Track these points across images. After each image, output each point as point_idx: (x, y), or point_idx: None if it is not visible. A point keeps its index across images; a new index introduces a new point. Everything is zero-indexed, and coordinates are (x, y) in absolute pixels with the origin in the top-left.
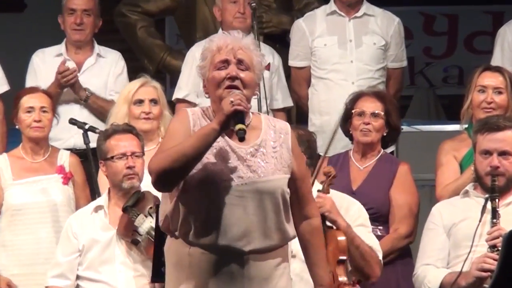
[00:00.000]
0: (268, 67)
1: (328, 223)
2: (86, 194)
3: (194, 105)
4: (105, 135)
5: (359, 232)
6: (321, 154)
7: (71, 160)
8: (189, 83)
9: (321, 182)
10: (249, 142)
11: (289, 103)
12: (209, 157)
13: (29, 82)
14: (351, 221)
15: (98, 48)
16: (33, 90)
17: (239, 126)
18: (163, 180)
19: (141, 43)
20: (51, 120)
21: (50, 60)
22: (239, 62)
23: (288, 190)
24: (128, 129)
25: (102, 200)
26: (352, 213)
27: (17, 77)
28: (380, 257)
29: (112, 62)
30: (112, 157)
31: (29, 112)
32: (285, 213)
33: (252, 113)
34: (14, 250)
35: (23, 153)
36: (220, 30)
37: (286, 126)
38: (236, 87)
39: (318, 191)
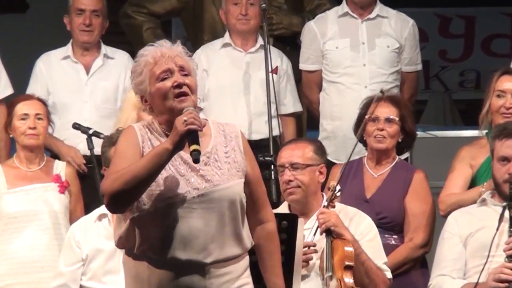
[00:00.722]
0: (275, 70)
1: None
2: (80, 206)
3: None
4: (110, 142)
5: (368, 249)
6: (332, 160)
7: (68, 171)
8: None
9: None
10: (201, 150)
11: (299, 108)
12: (161, 171)
13: (32, 88)
14: (361, 236)
15: (104, 48)
16: (28, 97)
17: (193, 147)
18: (115, 202)
19: (147, 45)
20: (46, 128)
21: (56, 63)
22: (181, 68)
23: (244, 195)
24: None
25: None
26: (362, 229)
27: (19, 78)
28: (389, 276)
29: (121, 65)
30: None
31: (23, 119)
32: (242, 219)
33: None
34: (8, 258)
35: (17, 163)
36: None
37: (235, 128)
38: (185, 94)
39: (323, 206)
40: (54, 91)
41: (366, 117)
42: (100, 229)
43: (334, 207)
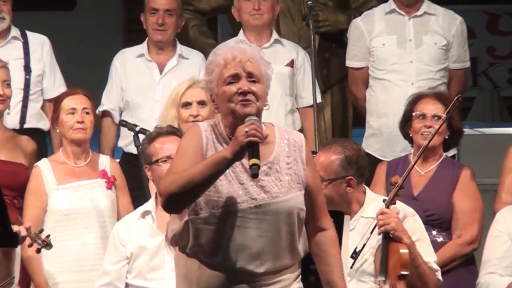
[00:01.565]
0: (291, 63)
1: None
2: (127, 200)
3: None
4: (149, 139)
5: (418, 247)
6: (378, 157)
7: (112, 166)
8: None
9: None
10: (263, 158)
11: (318, 99)
12: (221, 177)
13: (109, 86)
14: (410, 235)
15: (180, 48)
16: (74, 92)
17: (253, 161)
18: (170, 203)
19: (193, 42)
20: (93, 123)
21: (132, 61)
22: (249, 75)
23: (304, 207)
24: (172, 131)
25: (149, 205)
26: (409, 227)
27: (67, 75)
28: (439, 277)
29: (195, 65)
30: (157, 161)
31: (71, 113)
32: (299, 232)
33: (264, 124)
34: (60, 257)
35: (65, 158)
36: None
37: (301, 138)
38: (249, 101)
39: (384, 200)
40: (128, 89)
41: (413, 114)
42: (144, 226)
43: (395, 203)
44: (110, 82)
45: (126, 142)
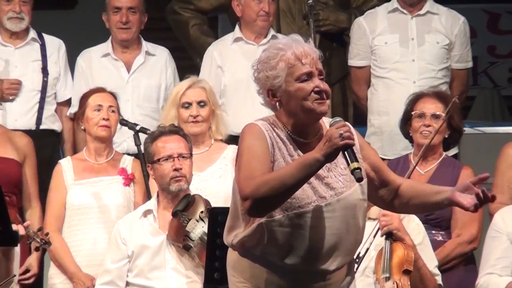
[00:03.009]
0: None
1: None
2: (142, 199)
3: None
4: (152, 138)
5: (419, 251)
6: (379, 156)
7: (134, 165)
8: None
9: None
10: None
11: None
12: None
13: (77, 85)
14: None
15: (146, 45)
16: (101, 89)
17: (355, 165)
18: (260, 207)
19: (194, 42)
20: (117, 121)
21: (97, 60)
22: (320, 73)
23: (365, 197)
24: (175, 130)
25: (151, 204)
26: (411, 230)
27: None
28: (439, 281)
29: (162, 61)
30: (159, 160)
31: (97, 110)
32: (363, 224)
33: None
34: (73, 251)
35: (87, 155)
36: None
37: (348, 125)
38: (324, 100)
39: None
40: (95, 87)
41: (413, 113)
42: (146, 225)
43: None
44: (78, 83)
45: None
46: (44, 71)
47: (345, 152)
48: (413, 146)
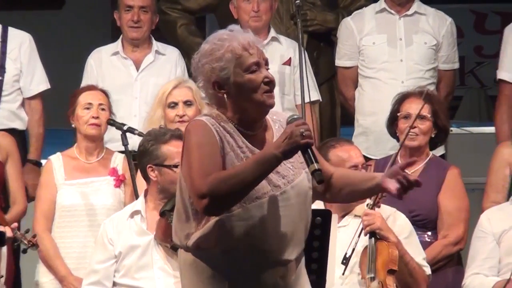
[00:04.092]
0: (288, 62)
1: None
2: (132, 199)
3: None
4: (161, 139)
5: (406, 246)
6: (367, 156)
7: (125, 164)
8: None
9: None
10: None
11: (315, 96)
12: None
13: (84, 84)
14: (398, 234)
15: (156, 44)
16: (92, 87)
17: (315, 166)
18: (219, 205)
19: (181, 42)
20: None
21: (107, 59)
22: (266, 63)
23: (311, 185)
24: (181, 134)
25: (139, 204)
26: (398, 227)
27: (55, 74)
28: (428, 272)
29: (172, 61)
30: (172, 165)
31: (87, 108)
32: (310, 211)
33: None
34: (62, 253)
35: (77, 153)
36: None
37: (284, 116)
38: (272, 93)
39: (367, 205)
40: (104, 87)
41: (398, 114)
42: (132, 225)
43: (379, 207)
44: (85, 81)
45: (105, 140)
46: (1, 69)
47: (306, 152)
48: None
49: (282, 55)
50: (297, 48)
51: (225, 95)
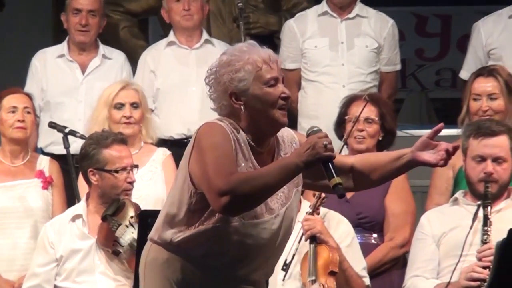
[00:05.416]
0: None
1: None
2: (63, 201)
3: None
4: (103, 143)
5: (347, 254)
6: None
7: (51, 166)
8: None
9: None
10: (266, 163)
11: None
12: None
13: (28, 86)
14: (339, 241)
15: (103, 48)
16: (16, 90)
17: (336, 180)
18: (240, 204)
19: (124, 44)
20: (34, 122)
21: (52, 61)
22: (283, 80)
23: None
24: (124, 139)
25: (80, 208)
26: (341, 232)
27: None
28: (367, 283)
29: (118, 65)
30: (113, 170)
31: (12, 112)
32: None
33: None
34: None
35: (1, 157)
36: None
37: (290, 132)
38: (286, 112)
39: (307, 213)
40: (48, 89)
41: (346, 117)
42: (74, 229)
43: (318, 214)
44: (30, 83)
45: (47, 143)
46: None
47: (327, 165)
48: (348, 150)
49: (216, 58)
50: None
51: (242, 107)
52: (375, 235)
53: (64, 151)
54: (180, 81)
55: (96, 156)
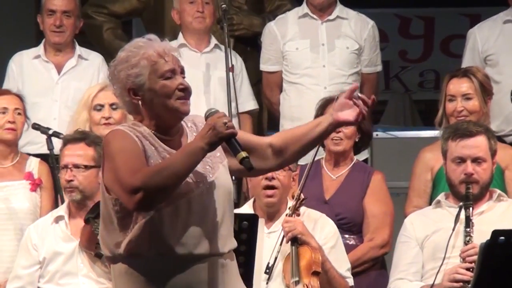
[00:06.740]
0: (232, 69)
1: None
2: (52, 203)
3: None
4: (62, 143)
5: (331, 255)
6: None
7: (41, 167)
8: None
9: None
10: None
11: (254, 105)
12: None
13: (6, 87)
14: (324, 241)
15: (79, 49)
16: (6, 92)
17: (242, 154)
18: (153, 198)
19: (107, 46)
20: (24, 124)
21: (28, 62)
22: (182, 71)
23: (230, 176)
24: (81, 137)
25: (63, 210)
26: (326, 233)
27: None
28: (350, 284)
29: (95, 66)
30: (63, 167)
31: (2, 113)
32: (233, 200)
33: None
34: None
35: None
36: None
37: (201, 118)
38: (187, 100)
39: (287, 214)
40: (24, 90)
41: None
42: (57, 231)
43: (299, 215)
44: (6, 85)
45: (23, 143)
46: None
47: (231, 142)
48: (325, 151)
49: (224, 63)
50: (237, 56)
51: (139, 102)
52: (353, 236)
53: (39, 151)
54: (191, 85)
55: (59, 155)
